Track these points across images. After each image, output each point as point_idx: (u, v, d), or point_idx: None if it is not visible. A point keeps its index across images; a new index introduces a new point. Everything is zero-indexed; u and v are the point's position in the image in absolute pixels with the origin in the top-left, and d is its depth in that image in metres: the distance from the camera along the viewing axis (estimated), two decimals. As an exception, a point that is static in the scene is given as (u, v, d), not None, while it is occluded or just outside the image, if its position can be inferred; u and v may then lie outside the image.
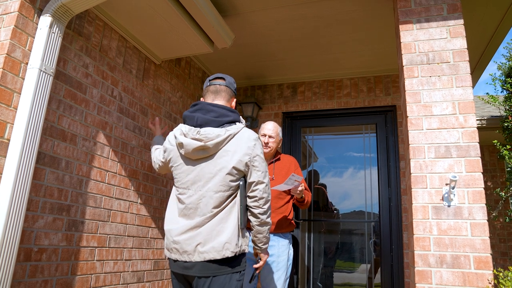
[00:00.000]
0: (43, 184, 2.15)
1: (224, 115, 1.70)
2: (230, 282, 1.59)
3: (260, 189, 1.68)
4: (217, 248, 1.57)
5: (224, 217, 1.63)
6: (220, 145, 1.65)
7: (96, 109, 2.58)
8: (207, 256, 1.57)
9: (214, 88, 1.80)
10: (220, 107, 1.73)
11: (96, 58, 2.60)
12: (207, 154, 1.67)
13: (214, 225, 1.61)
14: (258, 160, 1.69)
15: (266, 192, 1.70)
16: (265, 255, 1.90)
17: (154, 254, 3.14)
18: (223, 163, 1.64)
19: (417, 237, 2.02)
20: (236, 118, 1.74)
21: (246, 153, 1.66)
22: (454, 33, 2.25)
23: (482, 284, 1.87)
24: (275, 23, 3.20)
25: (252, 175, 1.68)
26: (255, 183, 1.67)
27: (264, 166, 1.71)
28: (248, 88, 4.43)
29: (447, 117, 2.14)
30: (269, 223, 1.74)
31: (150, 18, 2.71)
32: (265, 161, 1.75)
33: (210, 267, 1.58)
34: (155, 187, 3.20)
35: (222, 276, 1.58)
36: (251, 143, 1.69)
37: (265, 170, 1.71)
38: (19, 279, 1.98)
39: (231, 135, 1.66)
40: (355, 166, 4.02)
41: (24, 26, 2.02)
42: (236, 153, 1.64)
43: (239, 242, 1.63)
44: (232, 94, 1.84)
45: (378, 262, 3.67)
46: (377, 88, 3.96)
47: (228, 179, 1.64)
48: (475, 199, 1.98)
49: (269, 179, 1.75)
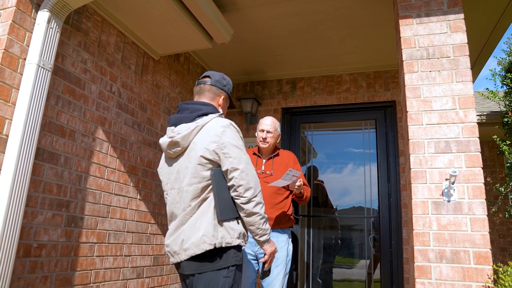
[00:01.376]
0: (42, 180, 2.14)
1: (196, 109, 1.71)
2: (217, 279, 1.53)
3: (236, 176, 1.57)
4: (196, 242, 1.54)
5: (204, 210, 1.59)
6: (188, 137, 1.65)
7: (95, 105, 2.57)
8: (189, 252, 1.55)
9: (199, 88, 1.83)
10: (195, 103, 1.74)
11: (94, 54, 2.59)
12: (180, 149, 1.67)
13: (194, 220, 1.59)
14: (228, 146, 1.60)
15: (244, 179, 1.58)
16: (269, 248, 1.74)
17: (154, 250, 3.14)
18: (193, 155, 1.63)
19: (416, 233, 2.02)
20: (209, 110, 1.71)
21: (212, 140, 1.61)
22: (454, 28, 2.24)
23: (481, 279, 1.87)
24: (274, 18, 3.18)
25: (224, 163, 1.59)
26: (229, 171, 1.59)
27: (237, 152, 1.61)
28: (247, 83, 4.42)
29: (447, 112, 2.13)
30: (257, 213, 1.61)
31: (148, 13, 2.70)
32: (240, 148, 1.63)
33: (194, 264, 1.56)
34: (154, 183, 3.19)
35: (208, 273, 1.54)
36: (219, 130, 1.63)
37: (238, 156, 1.60)
38: (18, 275, 1.98)
39: (199, 126, 1.66)
40: (354, 162, 4.01)
41: (21, 21, 2.01)
42: (203, 142, 1.62)
43: (218, 234, 1.55)
44: (218, 91, 1.83)
45: (378, 258, 3.68)
46: (376, 83, 3.95)
47: (199, 170, 1.60)
48: (475, 194, 1.98)
49: (247, 165, 1.62)
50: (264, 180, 2.64)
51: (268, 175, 2.69)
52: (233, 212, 1.62)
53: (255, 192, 1.60)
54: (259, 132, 2.75)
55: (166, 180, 1.76)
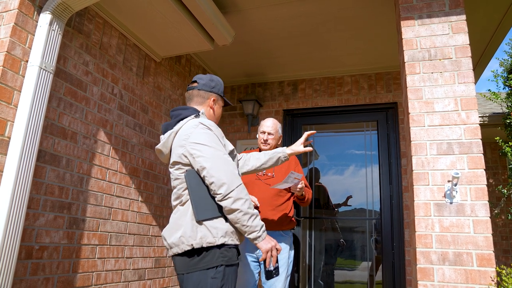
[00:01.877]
0: (44, 182, 2.15)
1: (177, 115, 1.75)
2: (205, 280, 1.51)
3: (206, 174, 1.54)
4: (176, 242, 1.58)
5: (183, 211, 1.62)
6: (167, 143, 1.72)
7: (96, 107, 2.57)
8: (173, 250, 1.60)
9: (188, 94, 1.88)
10: (178, 109, 1.78)
11: (96, 56, 2.59)
12: (165, 156, 1.77)
13: (175, 219, 1.63)
14: (195, 146, 1.58)
15: (214, 176, 1.52)
16: (264, 245, 1.59)
17: (155, 252, 3.14)
18: (172, 160, 1.71)
19: (419, 234, 2.01)
20: (186, 114, 1.72)
21: (180, 144, 1.64)
22: (456, 29, 2.24)
23: (484, 282, 1.86)
24: (275, 20, 3.18)
25: (194, 164, 1.59)
26: (200, 171, 1.57)
27: (204, 150, 1.56)
28: (249, 85, 4.42)
29: (449, 113, 2.12)
30: (238, 209, 1.51)
31: (150, 15, 2.70)
32: (208, 145, 1.58)
33: (180, 263, 1.59)
34: (156, 185, 3.19)
35: (195, 273, 1.53)
36: (187, 132, 1.63)
37: (205, 153, 1.56)
38: (20, 277, 1.98)
39: (174, 131, 1.70)
40: (356, 163, 4.00)
41: (24, 24, 2.01)
42: (175, 147, 1.68)
43: (196, 235, 1.53)
44: (207, 95, 1.84)
45: (380, 260, 3.66)
46: (378, 85, 3.94)
47: (177, 173, 1.67)
48: (478, 196, 1.97)
49: (218, 160, 1.56)
50: (265, 182, 2.64)
51: (269, 177, 2.68)
52: (214, 211, 1.57)
53: (230, 187, 1.51)
54: (260, 134, 2.75)
55: None
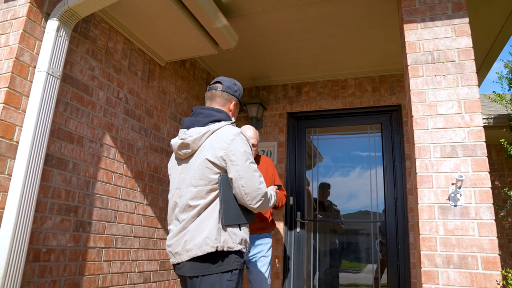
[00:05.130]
0: (51, 185, 2.18)
1: (210, 115, 1.76)
2: (220, 282, 1.56)
3: (243, 184, 1.62)
4: (198, 244, 1.57)
5: (209, 214, 1.62)
6: (199, 140, 1.70)
7: (102, 111, 2.61)
8: (191, 253, 1.58)
9: (210, 94, 1.89)
10: (208, 109, 1.79)
11: (102, 61, 2.63)
12: (190, 151, 1.72)
13: (199, 222, 1.62)
14: (236, 154, 1.63)
15: (250, 187, 1.62)
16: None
17: (161, 255, 3.16)
18: (201, 158, 1.68)
19: (423, 237, 2.02)
20: (221, 117, 1.76)
21: (221, 147, 1.65)
22: (459, 32, 2.24)
23: (490, 285, 1.86)
24: (279, 24, 3.20)
25: (231, 170, 1.63)
26: (235, 179, 1.63)
27: (244, 160, 1.64)
28: (253, 88, 4.44)
29: (453, 116, 2.13)
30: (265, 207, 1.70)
31: (154, 20, 2.73)
32: (248, 157, 1.66)
33: (198, 266, 1.58)
34: (161, 188, 3.22)
35: (212, 275, 1.57)
36: (229, 137, 1.67)
37: (245, 164, 1.63)
38: (28, 279, 2.01)
39: (210, 131, 1.70)
40: (360, 166, 4.00)
41: (32, 30, 2.05)
42: (212, 147, 1.66)
43: (221, 238, 1.58)
44: (229, 97, 1.88)
45: (384, 263, 3.65)
46: (382, 87, 3.95)
47: (207, 173, 1.64)
48: (482, 199, 1.97)
49: (255, 173, 1.66)
50: None
51: None
52: (238, 219, 1.66)
53: (261, 197, 1.66)
54: None
55: (174, 179, 1.80)
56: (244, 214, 1.69)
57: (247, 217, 1.71)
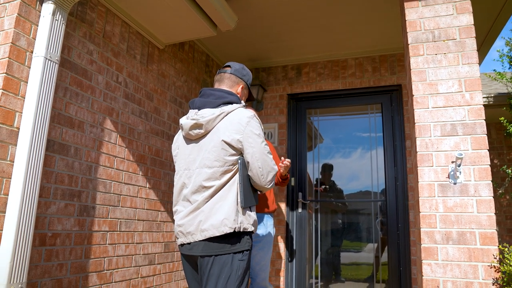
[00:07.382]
0: (54, 171, 2.19)
1: (221, 97, 1.77)
2: (232, 262, 1.60)
3: (259, 165, 1.68)
4: (216, 225, 1.59)
5: (223, 195, 1.65)
6: (213, 122, 1.70)
7: (102, 96, 2.60)
8: (207, 233, 1.60)
9: (219, 76, 1.91)
10: (219, 90, 1.80)
11: (100, 45, 2.60)
12: (202, 132, 1.72)
13: (214, 203, 1.64)
14: (252, 136, 1.68)
15: (266, 168, 1.70)
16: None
17: (164, 237, 3.21)
18: (216, 139, 1.68)
19: (423, 215, 2.05)
20: (233, 99, 1.78)
21: (237, 129, 1.67)
22: (460, 9, 2.21)
23: (487, 259, 1.90)
24: (278, 3, 3.15)
25: (248, 151, 1.68)
26: (252, 160, 1.68)
27: (260, 142, 1.70)
28: (252, 70, 4.41)
29: (453, 95, 2.13)
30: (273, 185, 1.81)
31: (152, 2, 2.69)
32: (262, 139, 1.73)
33: (211, 245, 1.61)
34: (163, 171, 3.24)
35: (224, 255, 1.60)
36: (244, 120, 1.69)
37: (261, 146, 1.69)
38: (35, 263, 2.05)
39: (224, 112, 1.71)
40: (361, 146, 4.02)
41: (27, 14, 2.02)
42: (227, 129, 1.67)
43: (238, 219, 1.63)
44: (237, 80, 1.89)
45: (385, 241, 3.72)
46: (382, 67, 3.92)
47: (222, 154, 1.66)
48: (481, 176, 1.99)
49: (269, 155, 1.73)
50: None
51: None
52: (253, 201, 1.72)
53: (273, 176, 1.76)
54: None
55: (182, 160, 1.79)
56: (254, 195, 1.75)
57: (256, 199, 1.76)
